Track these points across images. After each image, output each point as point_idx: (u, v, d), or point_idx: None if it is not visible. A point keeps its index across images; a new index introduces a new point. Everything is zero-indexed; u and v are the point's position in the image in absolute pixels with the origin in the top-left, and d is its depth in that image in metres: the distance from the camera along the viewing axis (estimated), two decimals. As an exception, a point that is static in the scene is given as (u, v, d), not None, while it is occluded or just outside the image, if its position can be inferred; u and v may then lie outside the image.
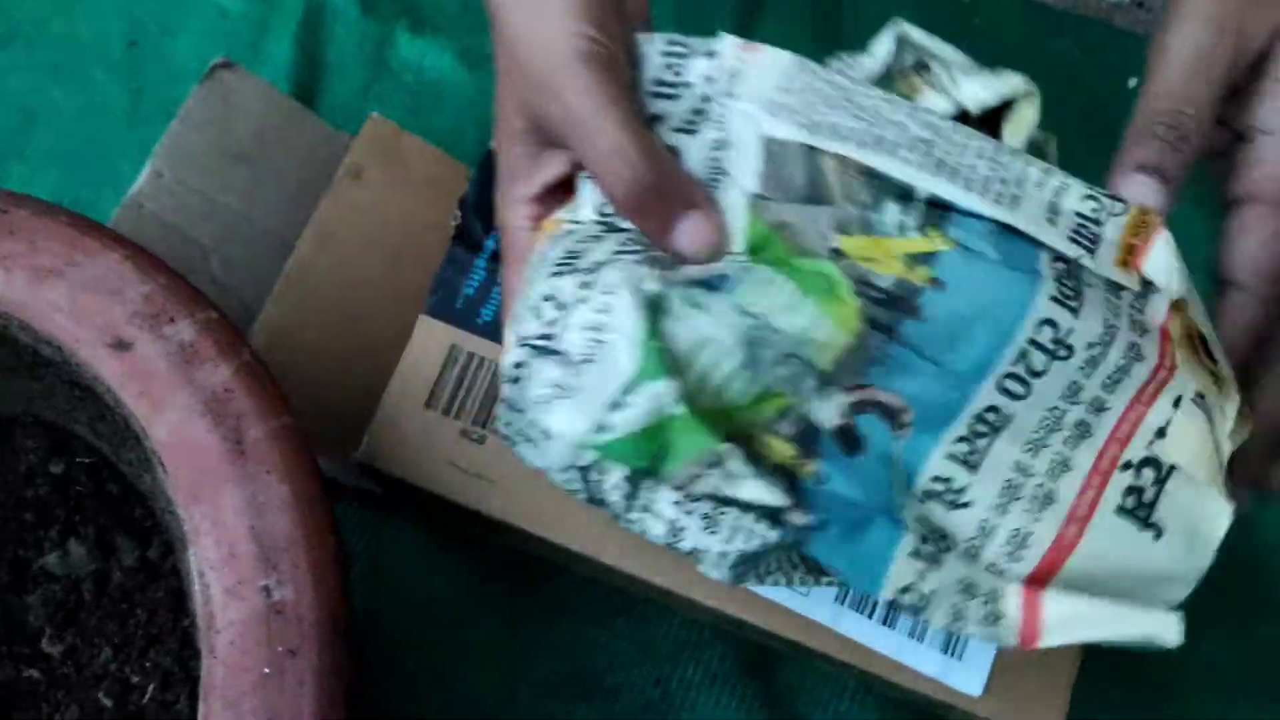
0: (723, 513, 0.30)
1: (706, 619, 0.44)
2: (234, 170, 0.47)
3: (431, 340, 0.38)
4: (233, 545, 0.26)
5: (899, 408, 0.28)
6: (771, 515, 0.28)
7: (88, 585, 0.34)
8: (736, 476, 0.28)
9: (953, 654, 0.35)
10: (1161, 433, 0.28)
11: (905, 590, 0.27)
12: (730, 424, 0.28)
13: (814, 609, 0.36)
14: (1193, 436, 0.28)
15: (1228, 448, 0.29)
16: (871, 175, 0.29)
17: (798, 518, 0.28)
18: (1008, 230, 0.29)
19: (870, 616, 0.36)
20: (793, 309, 0.29)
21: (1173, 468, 0.28)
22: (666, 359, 0.28)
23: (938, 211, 0.29)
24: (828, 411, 0.28)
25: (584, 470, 0.33)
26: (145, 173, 0.45)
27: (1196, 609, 0.45)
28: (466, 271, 0.39)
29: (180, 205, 0.46)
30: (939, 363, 0.28)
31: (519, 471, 0.36)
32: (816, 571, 0.33)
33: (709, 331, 0.28)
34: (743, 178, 0.29)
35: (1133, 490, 0.28)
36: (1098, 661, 0.44)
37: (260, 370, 0.28)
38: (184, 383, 0.27)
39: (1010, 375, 0.28)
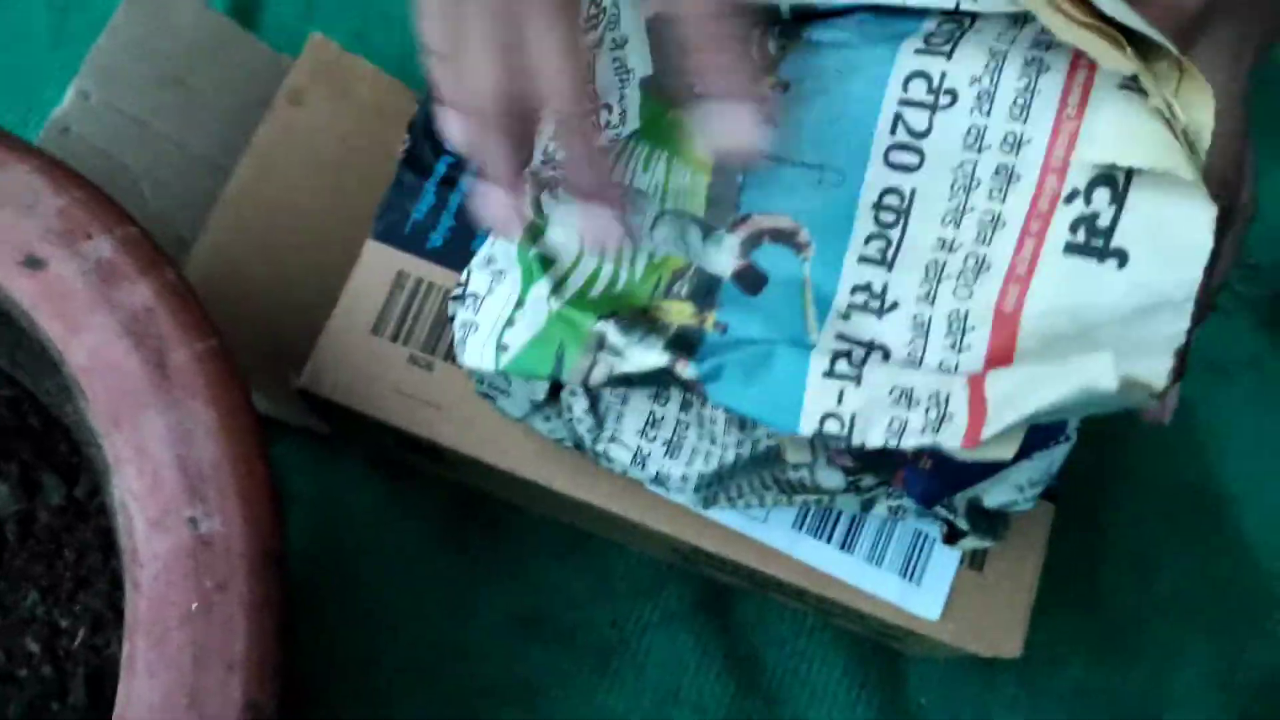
0: (683, 435, 0.29)
1: (663, 555, 0.43)
2: (166, 93, 0.44)
3: (378, 265, 0.37)
4: (156, 474, 0.24)
5: (789, 228, 0.26)
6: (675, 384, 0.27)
7: (11, 526, 0.33)
8: (621, 350, 0.26)
9: (910, 578, 0.35)
10: (1106, 140, 0.23)
11: (827, 418, 0.24)
12: (626, 304, 0.27)
13: (771, 535, 0.35)
14: (1143, 130, 0.23)
15: (1184, 120, 0.23)
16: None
17: (684, 370, 0.26)
18: (876, 10, 0.26)
19: (828, 541, 0.35)
20: (655, 171, 0.28)
21: (1130, 174, 0.23)
22: (545, 263, 0.28)
23: (797, 26, 0.27)
24: (723, 258, 0.27)
25: (543, 407, 0.32)
26: (69, 94, 0.42)
27: (1154, 543, 0.45)
28: (415, 196, 0.38)
29: (108, 129, 0.43)
30: (812, 165, 0.26)
31: (468, 398, 0.35)
32: (789, 490, 0.32)
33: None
34: (639, 67, 0.29)
35: (1081, 221, 0.23)
36: (1059, 594, 0.44)
37: (184, 290, 0.26)
38: (102, 303, 0.25)
39: (894, 147, 0.25)
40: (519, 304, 0.28)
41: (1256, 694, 0.43)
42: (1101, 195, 0.23)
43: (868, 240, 0.25)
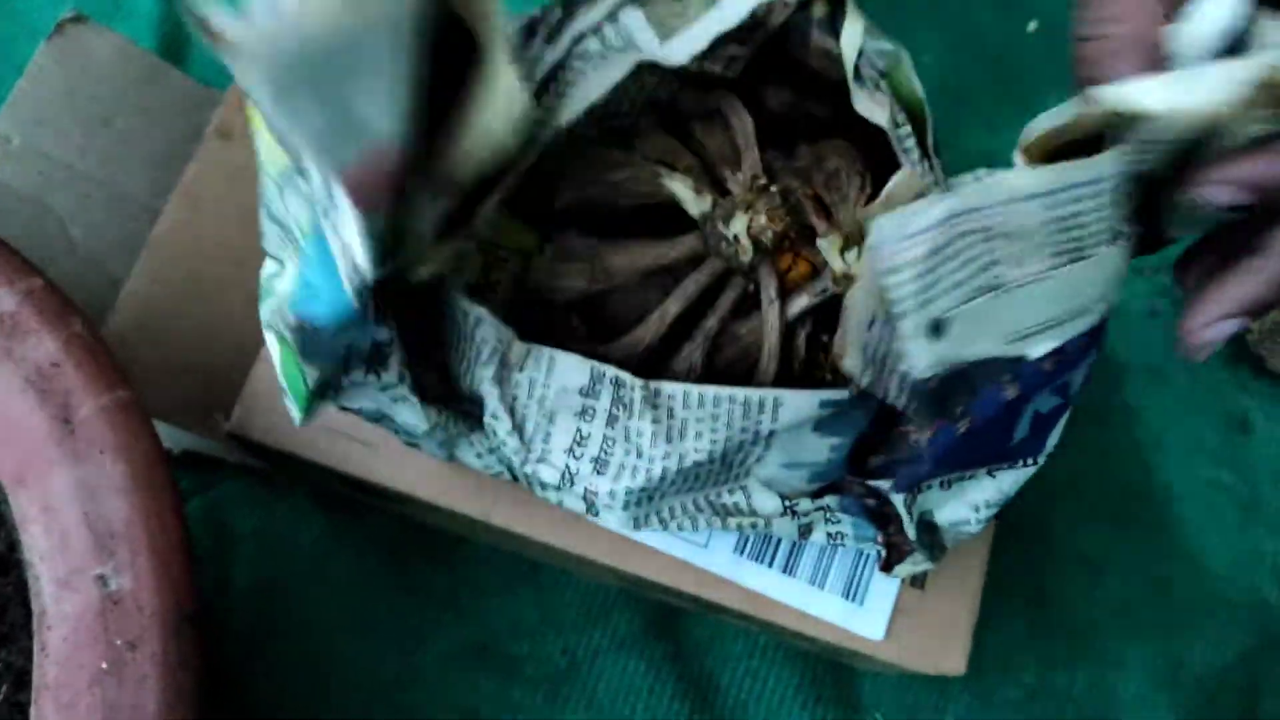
0: (610, 451, 0.29)
1: (612, 582, 0.42)
2: (92, 133, 0.44)
3: (304, 305, 0.36)
4: (64, 532, 0.24)
5: None
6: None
7: (-65, 582, 0.32)
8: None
9: (853, 599, 0.35)
10: None
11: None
12: None
13: (713, 561, 0.35)
14: None
15: None
16: None
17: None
18: None
19: (770, 565, 0.35)
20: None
21: None
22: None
23: None
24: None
25: (470, 440, 0.32)
26: (-9, 139, 0.41)
27: (1099, 546, 0.45)
28: (341, 232, 0.37)
29: (33, 174, 0.42)
30: None
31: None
32: (723, 513, 0.32)
33: None
34: None
35: None
36: (1007, 602, 0.44)
37: (93, 341, 0.26)
38: (4, 358, 0.25)
39: None
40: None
41: (1201, 693, 0.44)
42: None
43: None
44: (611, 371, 0.29)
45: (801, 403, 0.29)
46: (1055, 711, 0.43)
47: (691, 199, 0.30)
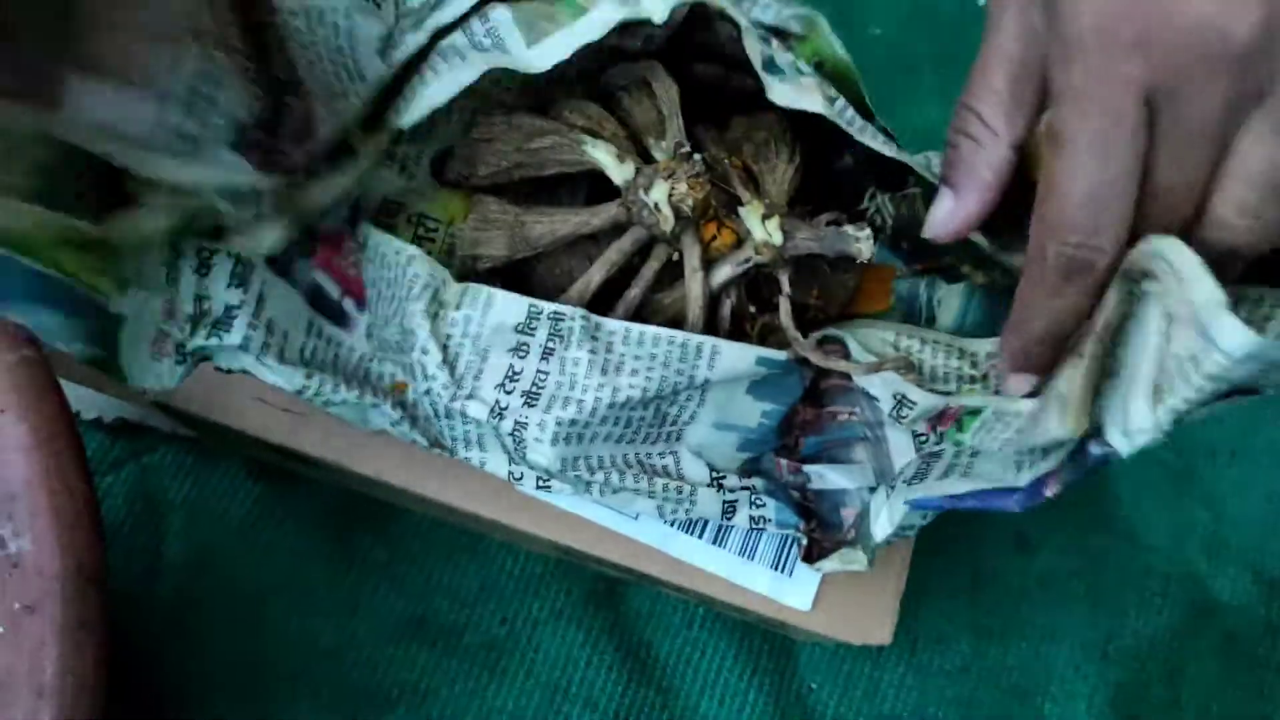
0: (542, 385, 0.29)
1: (550, 553, 0.42)
2: None
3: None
4: (-39, 494, 0.23)
5: None
6: None
7: None
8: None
9: (782, 570, 0.35)
10: None
11: None
12: None
13: (642, 531, 0.35)
14: None
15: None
16: None
17: None
18: None
19: (700, 537, 0.35)
20: None
21: None
22: None
23: None
24: None
25: (381, 404, 0.31)
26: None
27: (1031, 519, 0.46)
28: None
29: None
30: None
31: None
32: (651, 473, 0.32)
33: None
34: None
35: None
36: (941, 576, 0.44)
37: (-4, 300, 0.25)
38: (-100, 316, 0.24)
39: None
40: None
41: (1132, 663, 0.44)
42: None
43: None
44: (550, 306, 0.29)
45: (739, 355, 0.29)
46: (990, 682, 0.44)
47: (614, 166, 0.29)
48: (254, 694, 0.41)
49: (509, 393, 0.29)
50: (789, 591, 0.35)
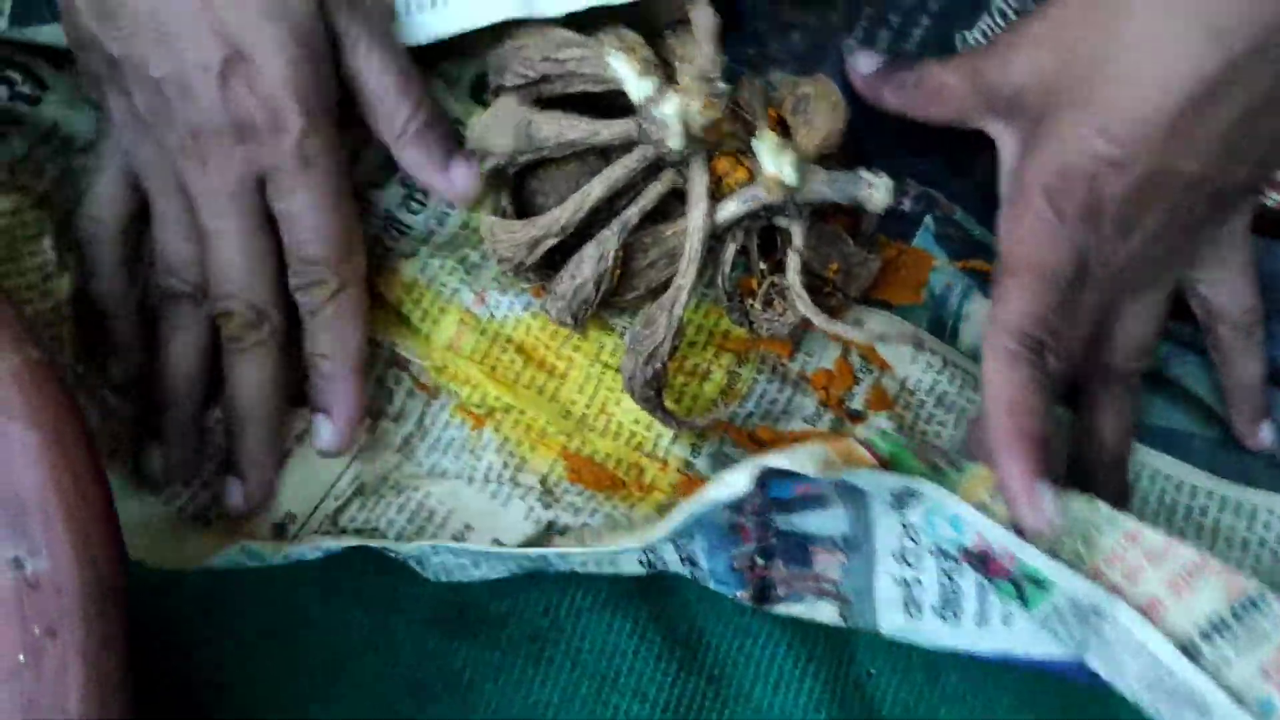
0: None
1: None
2: None
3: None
4: (-28, 511, 0.21)
5: None
6: None
7: None
8: None
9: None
10: None
11: None
12: None
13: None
14: None
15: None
16: None
17: None
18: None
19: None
20: None
21: None
22: None
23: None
24: None
25: None
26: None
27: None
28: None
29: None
30: None
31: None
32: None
33: None
34: None
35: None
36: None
37: None
38: (-103, 316, 0.22)
39: None
40: None
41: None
42: None
43: None
44: None
45: None
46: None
47: (633, 79, 0.28)
48: (289, 691, 0.40)
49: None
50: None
